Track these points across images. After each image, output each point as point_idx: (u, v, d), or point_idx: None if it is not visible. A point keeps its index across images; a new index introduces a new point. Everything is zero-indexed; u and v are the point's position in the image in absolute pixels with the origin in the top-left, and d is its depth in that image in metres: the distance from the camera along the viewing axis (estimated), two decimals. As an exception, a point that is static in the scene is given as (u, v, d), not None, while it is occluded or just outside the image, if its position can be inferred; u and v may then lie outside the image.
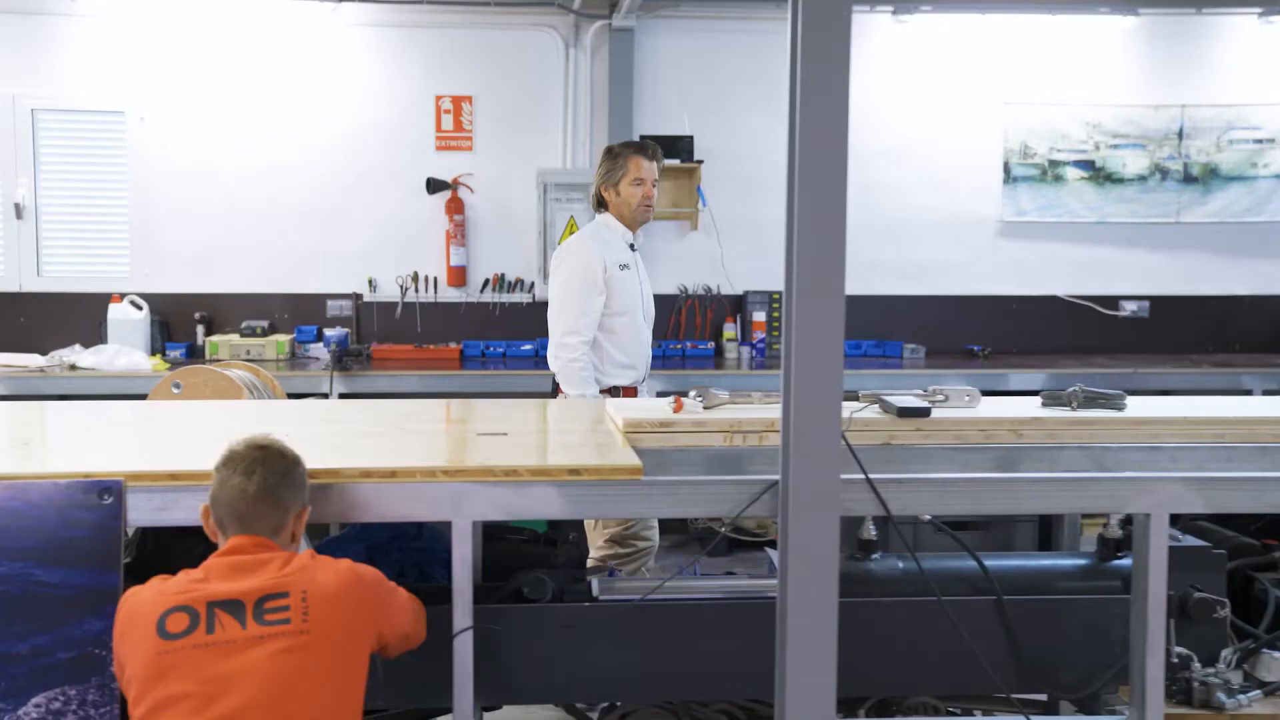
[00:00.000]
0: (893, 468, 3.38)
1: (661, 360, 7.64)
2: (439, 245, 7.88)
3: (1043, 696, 3.42)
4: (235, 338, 7.46)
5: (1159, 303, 8.33)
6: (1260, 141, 8.22)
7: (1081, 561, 3.36)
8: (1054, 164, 8.18)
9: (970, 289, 8.24)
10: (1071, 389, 3.64)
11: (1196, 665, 3.10)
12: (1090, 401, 3.62)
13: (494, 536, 3.48)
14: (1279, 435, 3.48)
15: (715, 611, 3.11)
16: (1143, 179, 8.24)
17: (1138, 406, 3.62)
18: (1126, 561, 3.26)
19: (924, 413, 3.44)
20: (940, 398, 3.66)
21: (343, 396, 6.86)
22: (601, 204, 4.95)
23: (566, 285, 4.76)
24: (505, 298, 7.97)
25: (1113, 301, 8.29)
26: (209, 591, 2.43)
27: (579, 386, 4.67)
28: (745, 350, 7.90)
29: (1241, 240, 8.33)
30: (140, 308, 7.44)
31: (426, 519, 2.91)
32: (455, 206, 7.82)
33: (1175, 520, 3.87)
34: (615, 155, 4.93)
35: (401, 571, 3.58)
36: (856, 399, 3.63)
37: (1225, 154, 8.23)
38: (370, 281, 7.86)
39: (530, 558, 3.39)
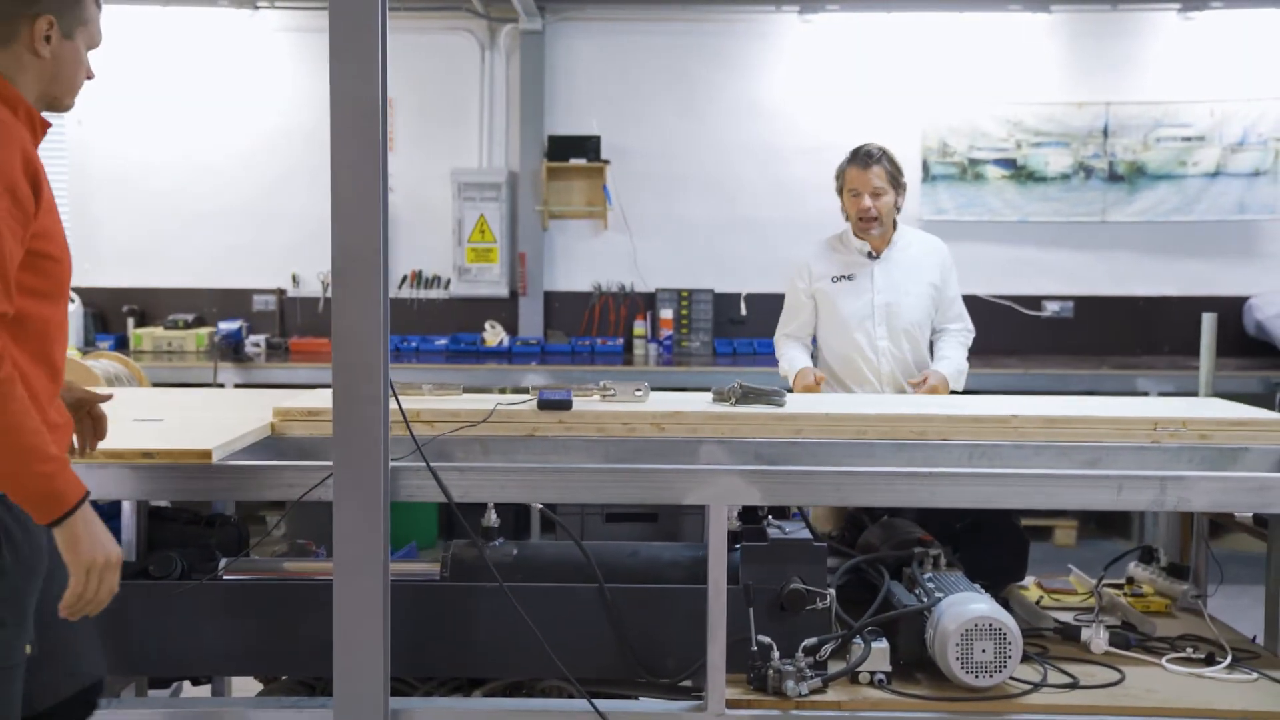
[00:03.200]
0: (531, 458, 3.53)
1: (571, 357, 7.83)
2: (359, 243, 8.13)
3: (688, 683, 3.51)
4: (159, 330, 7.83)
5: (1084, 303, 8.24)
6: (1189, 139, 8.08)
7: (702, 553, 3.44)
8: (974, 163, 8.14)
9: (889, 288, 8.22)
10: (731, 385, 3.73)
11: (775, 654, 3.17)
12: (749, 397, 3.70)
13: (163, 517, 3.68)
14: (919, 433, 3.54)
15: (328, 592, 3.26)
16: (1066, 177, 8.16)
17: (794, 403, 3.69)
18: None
19: (564, 405, 3.56)
20: (610, 392, 3.78)
21: (238, 387, 7.15)
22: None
23: (786, 293, 4.83)
24: (423, 294, 8.22)
25: (1035, 302, 8.21)
26: None
27: (781, 371, 4.77)
28: (653, 347, 8.01)
29: (1170, 240, 8.20)
30: (73, 301, 7.85)
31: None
32: (374, 205, 8.07)
33: (876, 514, 3.95)
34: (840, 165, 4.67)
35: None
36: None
37: (1152, 152, 8.10)
38: (294, 277, 8.18)
39: (187, 538, 3.58)
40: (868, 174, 4.51)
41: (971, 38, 8.07)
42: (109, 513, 3.81)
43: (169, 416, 3.74)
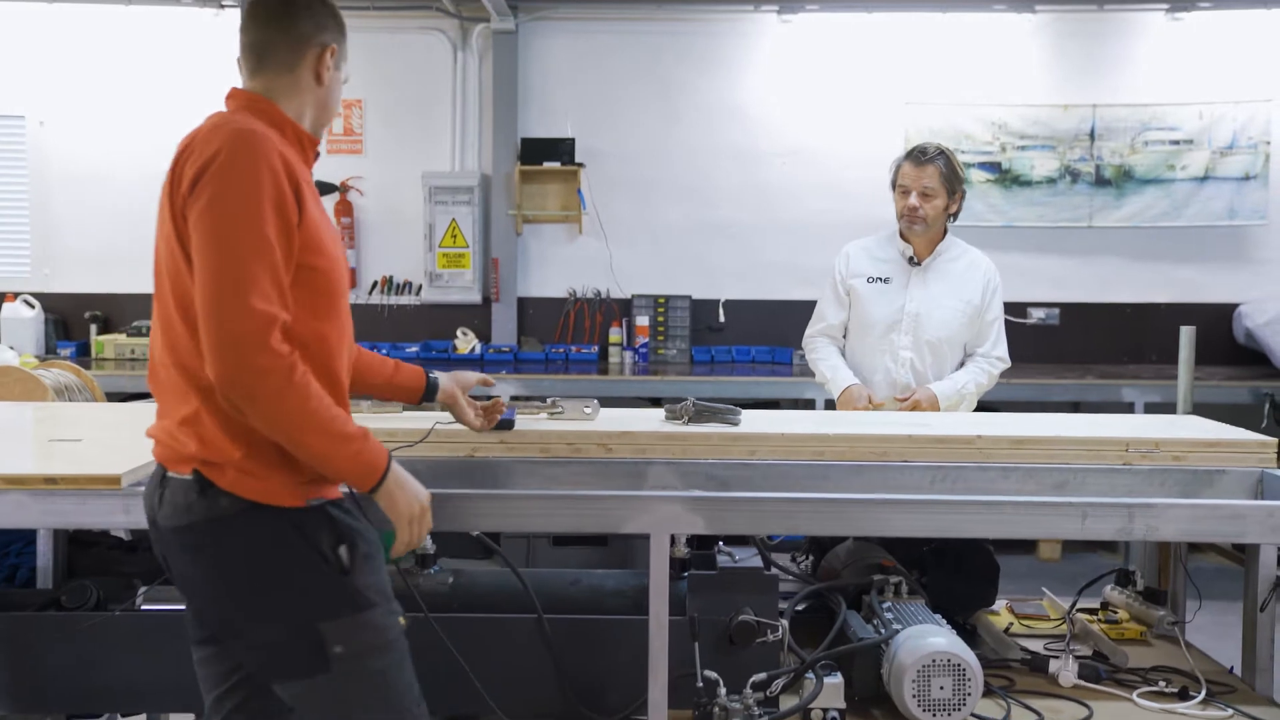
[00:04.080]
0: (470, 482, 3.35)
1: (545, 365, 7.65)
2: (328, 247, 7.96)
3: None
4: (122, 337, 7.64)
5: (1070, 310, 8.06)
6: (1177, 143, 7.90)
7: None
8: (958, 166, 7.93)
9: (871, 294, 8.04)
10: (683, 403, 3.55)
11: (722, 690, 2.99)
12: (703, 416, 3.52)
13: (84, 541, 3.50)
14: (879, 454, 3.36)
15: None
16: (1052, 181, 7.98)
17: (750, 422, 3.51)
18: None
19: (506, 425, 3.38)
20: (558, 410, 3.60)
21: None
22: None
23: (825, 286, 4.55)
24: (394, 299, 8.04)
25: (1020, 309, 8.01)
26: None
27: (821, 378, 4.47)
28: (629, 355, 7.83)
29: (1158, 245, 8.03)
30: (33, 306, 7.66)
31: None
32: (344, 209, 7.91)
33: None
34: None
35: (13, 576, 3.62)
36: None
37: (1140, 155, 7.92)
38: (261, 283, 7.97)
39: (109, 564, 3.41)
40: (920, 172, 4.26)
41: (955, 38, 7.90)
42: (28, 537, 3.65)
43: (94, 435, 3.55)
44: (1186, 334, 3.93)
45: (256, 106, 2.45)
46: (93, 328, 7.86)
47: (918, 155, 4.28)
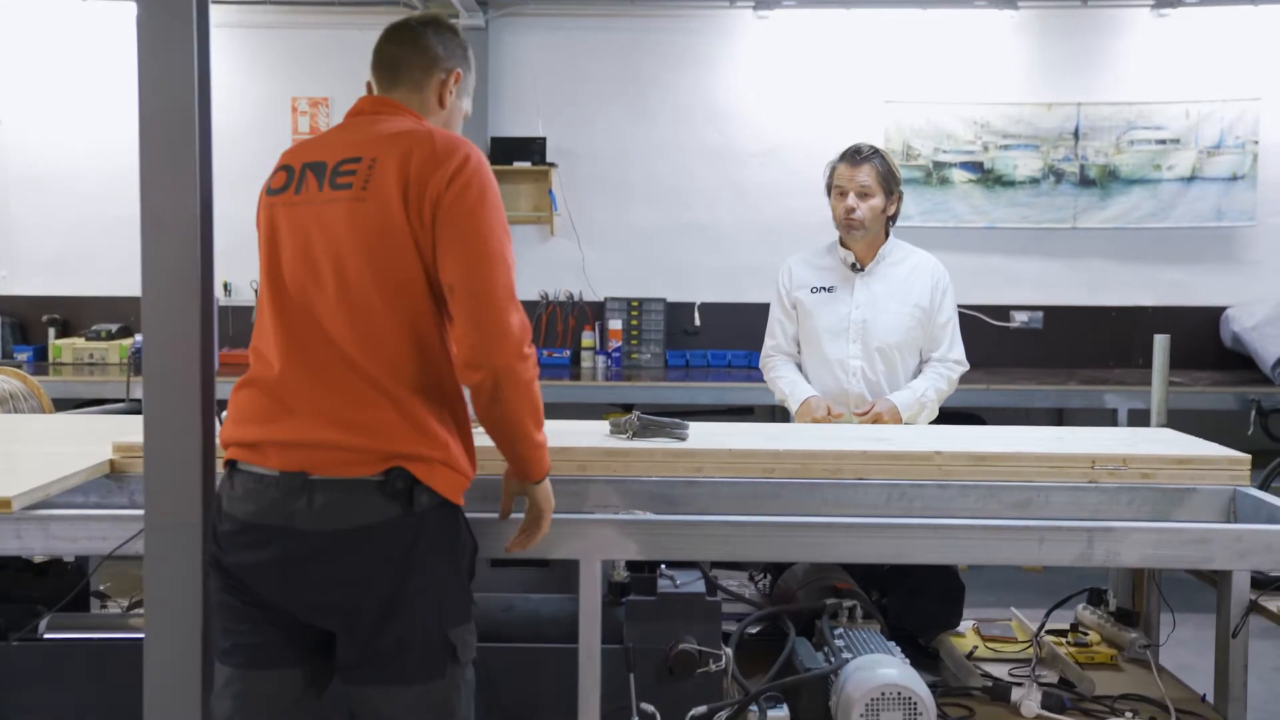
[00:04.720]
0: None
1: (516, 369, 7.44)
2: (294, 249, 7.78)
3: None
4: (80, 341, 7.45)
5: (1054, 313, 7.88)
6: (1163, 142, 7.72)
7: (590, 606, 3.08)
8: (939, 166, 7.78)
9: (850, 297, 7.86)
10: (628, 417, 3.37)
11: (659, 725, 2.81)
12: (649, 430, 3.34)
13: (-6, 564, 3.32)
14: (832, 471, 3.18)
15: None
16: (1035, 182, 7.81)
17: (698, 437, 3.33)
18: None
19: (438, 441, 3.19)
20: (498, 423, 3.41)
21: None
22: None
23: (771, 301, 4.37)
24: (362, 303, 7.84)
25: (1003, 312, 7.85)
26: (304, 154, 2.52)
27: (781, 394, 4.29)
28: (601, 359, 7.64)
29: (1144, 247, 7.85)
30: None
31: None
32: (310, 210, 7.71)
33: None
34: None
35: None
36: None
37: (1125, 155, 7.75)
38: (225, 285, 7.79)
39: (15, 587, 3.22)
40: (856, 172, 4.09)
41: (936, 35, 7.72)
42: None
43: (7, 449, 3.37)
44: (1160, 342, 3.73)
45: (418, 119, 2.52)
46: (51, 331, 7.67)
47: (852, 155, 4.12)
